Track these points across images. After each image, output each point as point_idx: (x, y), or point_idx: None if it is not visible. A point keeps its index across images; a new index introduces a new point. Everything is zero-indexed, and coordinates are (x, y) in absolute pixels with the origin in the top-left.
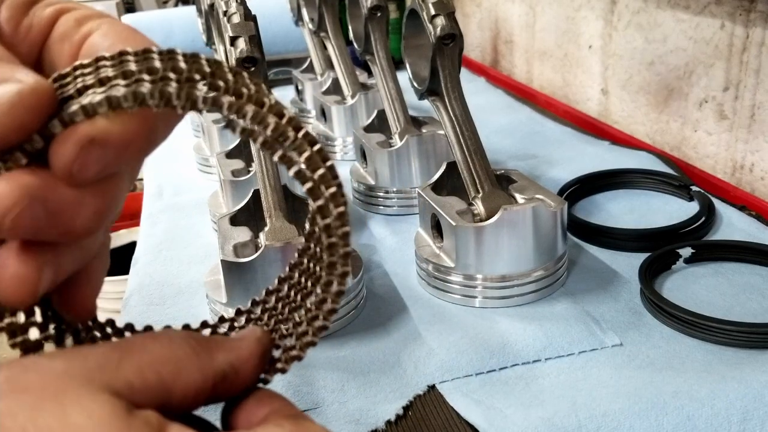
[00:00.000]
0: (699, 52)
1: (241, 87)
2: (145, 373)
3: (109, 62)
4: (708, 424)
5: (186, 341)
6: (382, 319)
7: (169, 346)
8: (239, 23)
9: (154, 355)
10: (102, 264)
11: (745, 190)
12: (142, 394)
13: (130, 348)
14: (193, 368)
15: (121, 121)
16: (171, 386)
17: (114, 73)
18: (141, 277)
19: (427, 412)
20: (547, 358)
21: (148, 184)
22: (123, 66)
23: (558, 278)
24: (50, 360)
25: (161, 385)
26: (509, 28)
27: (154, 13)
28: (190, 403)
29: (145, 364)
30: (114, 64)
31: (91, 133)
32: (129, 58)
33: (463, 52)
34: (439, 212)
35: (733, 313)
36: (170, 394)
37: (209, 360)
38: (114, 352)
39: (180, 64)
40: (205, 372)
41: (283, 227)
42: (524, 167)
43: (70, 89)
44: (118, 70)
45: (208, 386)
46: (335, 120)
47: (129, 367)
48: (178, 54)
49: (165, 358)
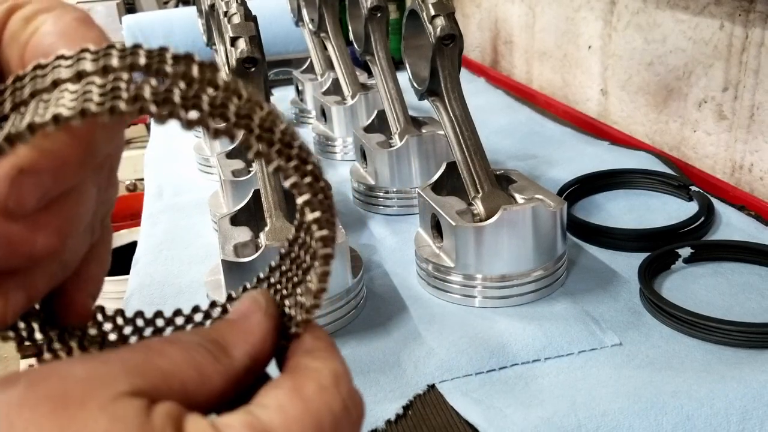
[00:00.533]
0: (698, 52)
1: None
2: (170, 379)
3: (43, 70)
4: (707, 424)
5: (202, 346)
6: (382, 319)
7: (188, 352)
8: (239, 24)
9: (176, 363)
10: (98, 267)
11: (744, 190)
12: (165, 397)
13: (151, 352)
14: (215, 374)
15: (49, 142)
16: (195, 394)
17: (45, 86)
18: (141, 277)
19: (427, 411)
20: (546, 358)
21: (149, 184)
22: (55, 73)
23: (557, 278)
24: (70, 366)
25: (184, 393)
26: (509, 28)
27: (154, 13)
28: (213, 405)
29: (168, 372)
30: (47, 72)
31: (17, 164)
32: (61, 63)
33: (462, 52)
34: (439, 212)
35: (733, 313)
36: (194, 401)
37: (229, 361)
38: (135, 354)
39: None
40: (228, 375)
41: (283, 227)
42: (524, 167)
43: (7, 106)
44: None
45: (232, 385)
46: (335, 120)
47: (153, 371)
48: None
49: (186, 365)
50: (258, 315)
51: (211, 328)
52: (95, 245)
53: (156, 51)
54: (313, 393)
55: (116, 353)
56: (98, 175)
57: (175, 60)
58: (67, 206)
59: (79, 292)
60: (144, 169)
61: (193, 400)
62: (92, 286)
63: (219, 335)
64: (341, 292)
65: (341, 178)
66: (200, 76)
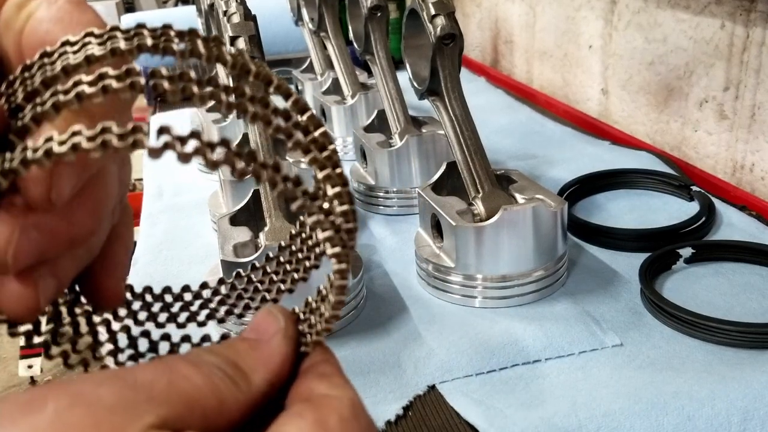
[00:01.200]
0: (699, 52)
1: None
2: (193, 406)
3: (51, 58)
4: (708, 425)
5: (222, 370)
6: (382, 319)
7: (209, 377)
8: (239, 23)
9: (198, 388)
10: (122, 247)
11: (745, 190)
12: (188, 425)
13: (174, 376)
14: (234, 402)
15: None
16: (215, 421)
17: (55, 73)
18: (141, 277)
19: (427, 412)
20: (547, 358)
21: (148, 184)
22: (63, 60)
23: (558, 278)
24: (96, 388)
25: (205, 420)
26: (509, 28)
27: (154, 12)
28: (232, 429)
29: (191, 398)
30: (55, 60)
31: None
32: (67, 49)
33: (463, 52)
34: (439, 212)
35: (734, 313)
36: (213, 428)
37: (248, 388)
38: (160, 378)
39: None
40: (247, 402)
41: (283, 227)
42: (524, 167)
43: (19, 96)
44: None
45: (248, 414)
46: (335, 120)
47: (177, 398)
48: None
49: (208, 391)
50: (278, 337)
51: (230, 348)
52: (117, 226)
53: (160, 30)
54: (335, 425)
55: (142, 373)
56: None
57: (179, 37)
58: (96, 188)
59: (107, 278)
60: (144, 169)
61: (211, 428)
62: (119, 268)
63: (239, 358)
64: None
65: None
66: (207, 53)
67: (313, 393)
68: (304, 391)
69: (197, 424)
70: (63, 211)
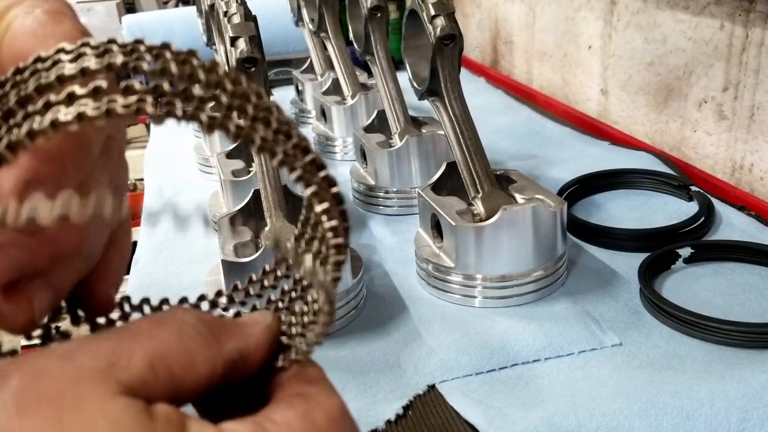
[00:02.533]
0: (698, 52)
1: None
2: (157, 367)
3: (44, 63)
4: (707, 424)
5: (195, 329)
6: (382, 319)
7: (178, 335)
8: (239, 23)
9: (164, 346)
10: (119, 254)
11: (744, 190)
12: (154, 388)
13: (138, 337)
14: (203, 359)
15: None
16: (181, 379)
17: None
18: (141, 277)
19: (427, 411)
20: (546, 358)
21: (149, 184)
22: (58, 69)
23: (558, 278)
24: (61, 360)
25: (171, 379)
26: (509, 28)
27: (154, 13)
28: (199, 393)
29: (155, 357)
30: (48, 66)
31: (22, 177)
32: (62, 57)
33: (462, 52)
34: (439, 212)
35: (733, 313)
36: (180, 386)
37: (218, 349)
38: (123, 342)
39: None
40: (215, 362)
41: (283, 227)
42: (524, 167)
43: (11, 99)
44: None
45: (217, 375)
46: (335, 120)
47: (140, 360)
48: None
49: (174, 348)
50: (260, 326)
51: (208, 314)
52: (115, 232)
53: (156, 49)
54: (323, 422)
55: (104, 341)
56: (108, 161)
57: (177, 60)
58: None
59: (100, 284)
60: (144, 169)
61: (179, 387)
62: (113, 275)
63: (215, 322)
64: (341, 292)
65: (341, 178)
66: (206, 79)
67: (304, 390)
68: (295, 388)
69: (163, 385)
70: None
